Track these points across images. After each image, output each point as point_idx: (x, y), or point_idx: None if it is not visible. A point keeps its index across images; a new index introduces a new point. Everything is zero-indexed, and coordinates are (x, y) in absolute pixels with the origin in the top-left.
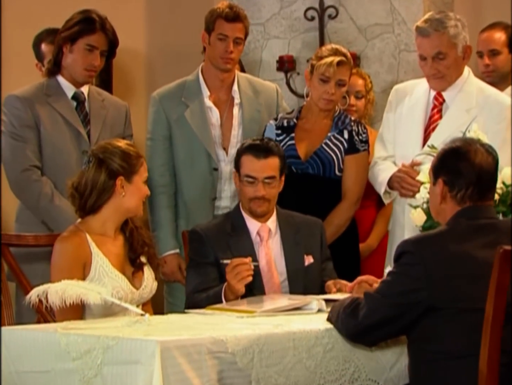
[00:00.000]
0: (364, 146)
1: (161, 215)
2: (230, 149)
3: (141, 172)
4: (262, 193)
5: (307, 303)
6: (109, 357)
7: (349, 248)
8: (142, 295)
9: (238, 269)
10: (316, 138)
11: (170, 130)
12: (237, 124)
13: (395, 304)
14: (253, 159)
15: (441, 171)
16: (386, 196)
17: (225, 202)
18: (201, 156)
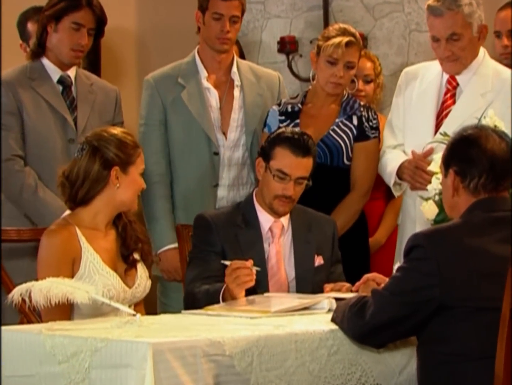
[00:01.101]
0: (374, 133)
1: (158, 206)
2: (230, 133)
3: (138, 163)
4: (291, 193)
5: (317, 302)
6: (98, 360)
7: (358, 244)
8: (135, 294)
9: (238, 273)
10: (322, 125)
11: (166, 114)
12: (238, 107)
13: (404, 302)
14: (290, 154)
15: (452, 161)
16: (396, 188)
17: (222, 191)
18: (200, 140)
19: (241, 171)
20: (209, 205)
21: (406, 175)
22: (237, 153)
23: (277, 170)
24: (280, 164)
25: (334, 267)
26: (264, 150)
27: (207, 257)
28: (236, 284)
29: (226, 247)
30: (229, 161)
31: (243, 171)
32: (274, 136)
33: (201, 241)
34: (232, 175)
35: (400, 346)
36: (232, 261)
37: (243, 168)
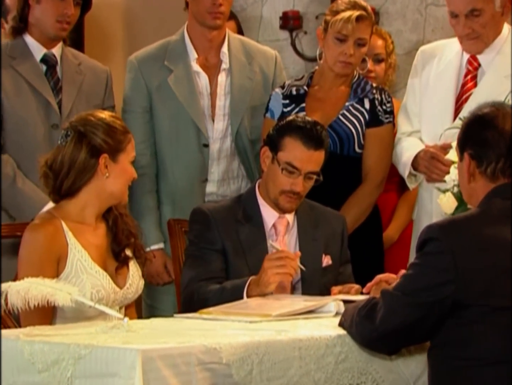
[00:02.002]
0: (388, 117)
1: (142, 202)
2: (217, 123)
3: (128, 151)
4: (300, 189)
5: (323, 305)
6: (81, 369)
7: (371, 241)
8: (126, 296)
9: (286, 262)
10: (331, 109)
11: (151, 100)
12: (223, 94)
13: (418, 302)
14: (301, 146)
15: (466, 144)
16: (411, 179)
17: (211, 186)
18: (188, 130)
19: (230, 164)
20: (198, 201)
21: (421, 166)
22: (226, 144)
23: (286, 163)
24: (289, 156)
25: (343, 267)
26: (272, 138)
27: (207, 256)
28: (276, 272)
29: (227, 244)
30: (218, 154)
31: (233, 164)
32: (284, 123)
33: (199, 237)
34: (221, 168)
35: (415, 353)
36: (282, 248)
37: (233, 160)
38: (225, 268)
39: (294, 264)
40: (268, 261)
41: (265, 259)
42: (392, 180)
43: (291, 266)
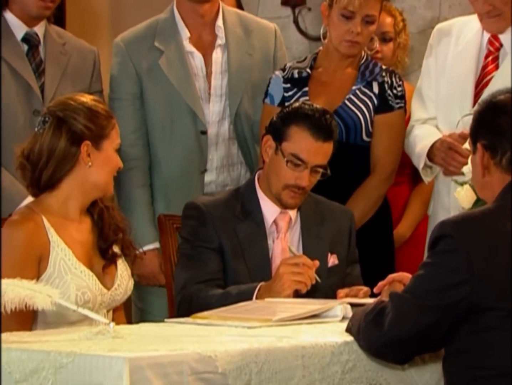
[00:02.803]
0: (399, 102)
1: (134, 197)
2: (214, 104)
3: (113, 137)
4: (306, 184)
5: (329, 308)
6: (63, 378)
7: (380, 238)
8: (115, 297)
9: (304, 270)
10: (336, 93)
11: (141, 86)
12: (220, 72)
13: (431, 306)
14: (309, 137)
15: (479, 134)
16: (426, 171)
17: (210, 175)
18: (183, 116)
19: (229, 149)
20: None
21: (438, 157)
22: (224, 127)
23: (291, 154)
24: (296, 147)
25: (351, 268)
26: (276, 127)
27: (203, 255)
28: (293, 280)
29: (224, 242)
30: (216, 138)
31: (232, 149)
32: (290, 111)
33: (194, 234)
34: (220, 154)
35: (429, 361)
36: (300, 254)
37: (231, 145)
38: (222, 268)
39: (311, 273)
40: (284, 266)
41: (282, 264)
42: (404, 171)
43: (308, 275)
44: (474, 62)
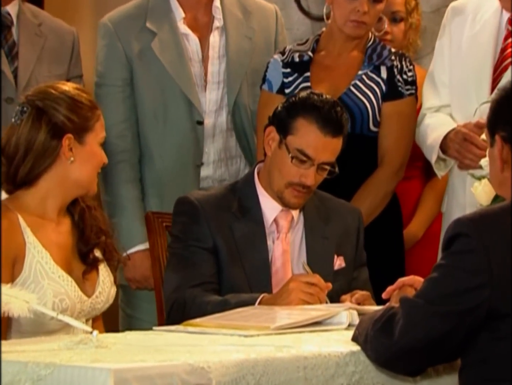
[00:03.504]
0: (410, 89)
1: (122, 193)
2: (211, 92)
3: (97, 130)
4: (311, 182)
5: (333, 315)
6: None
7: (390, 237)
8: (95, 306)
9: (315, 290)
10: (341, 79)
11: (131, 71)
12: (217, 57)
13: (446, 312)
14: (317, 131)
15: (498, 125)
16: (440, 165)
17: (207, 169)
18: (178, 105)
19: (227, 141)
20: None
21: (452, 150)
22: (221, 117)
23: (297, 149)
24: (302, 142)
25: (358, 271)
26: (280, 118)
27: (197, 256)
28: (301, 299)
29: (219, 242)
30: (213, 130)
31: (230, 141)
32: (297, 101)
33: (186, 232)
34: (217, 147)
35: (443, 373)
36: (314, 274)
37: (229, 137)
38: (217, 271)
39: (322, 296)
40: (295, 282)
41: (292, 279)
42: (415, 164)
43: (318, 298)
44: (492, 44)
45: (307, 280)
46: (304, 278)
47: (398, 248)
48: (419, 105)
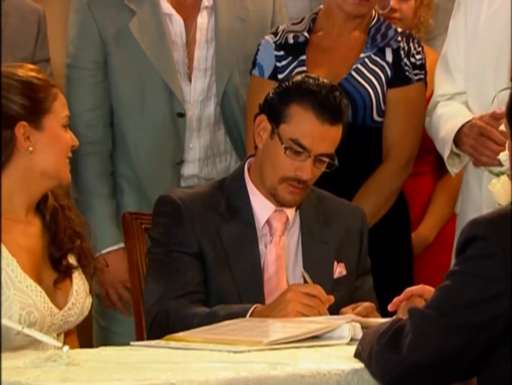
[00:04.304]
0: (419, 73)
1: (91, 190)
2: (196, 81)
3: (56, 110)
4: (308, 176)
5: (334, 328)
6: None
7: (396, 241)
8: (67, 319)
9: (314, 303)
10: (341, 62)
11: (105, 53)
12: (205, 41)
13: (460, 325)
14: (313, 118)
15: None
16: (453, 161)
17: (191, 167)
18: (157, 93)
19: (215, 136)
20: None
21: (467, 145)
22: (208, 109)
23: (291, 140)
24: (296, 131)
25: (361, 280)
26: (272, 105)
27: (180, 263)
28: (299, 312)
29: (205, 246)
30: (199, 123)
31: (219, 135)
32: (290, 85)
33: (168, 235)
34: (204, 142)
35: None
36: (315, 284)
37: (218, 130)
38: (204, 279)
39: (323, 310)
40: (294, 293)
41: (291, 289)
42: (425, 159)
43: (318, 311)
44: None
45: (307, 291)
46: (304, 288)
47: (406, 253)
48: (430, 93)
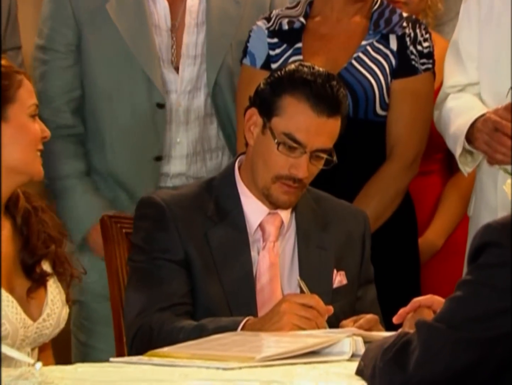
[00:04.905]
0: (426, 63)
1: (65, 168)
2: (184, 69)
3: (22, 98)
4: (304, 175)
5: (333, 343)
6: None
7: (402, 247)
8: (42, 331)
9: (311, 315)
10: (340, 50)
11: (80, 37)
12: (195, 25)
13: (472, 340)
14: (308, 110)
15: None
16: (466, 159)
17: (178, 165)
18: (134, 81)
19: (205, 130)
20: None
21: (480, 141)
22: (198, 100)
23: (284, 134)
24: (290, 125)
25: (363, 290)
26: (263, 96)
27: (165, 271)
28: (295, 325)
29: (192, 253)
30: (186, 115)
31: (210, 130)
32: (282, 75)
33: (151, 242)
34: (192, 137)
35: None
36: (312, 294)
37: (209, 124)
38: (190, 289)
39: (321, 322)
40: (289, 304)
41: (285, 300)
42: (434, 156)
43: (315, 324)
44: None
45: (304, 302)
46: (299, 298)
47: (413, 260)
48: (439, 84)
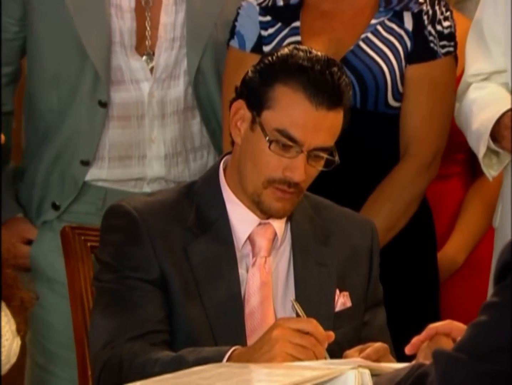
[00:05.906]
0: (447, 45)
1: None
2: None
3: None
4: (301, 178)
5: (336, 375)
6: None
7: (417, 262)
8: None
9: (309, 343)
10: (346, 30)
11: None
12: (173, 4)
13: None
14: (304, 102)
15: None
16: (490, 160)
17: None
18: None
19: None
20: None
21: (506, 140)
22: (176, 90)
23: (277, 130)
24: (284, 119)
25: (371, 314)
26: (251, 86)
27: (137, 293)
28: (289, 354)
29: (169, 271)
30: (162, 108)
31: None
32: (274, 60)
33: (121, 258)
34: (171, 134)
35: None
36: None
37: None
38: (168, 314)
39: (320, 351)
40: (281, 330)
41: (277, 325)
42: (455, 157)
43: (313, 353)
44: None
45: (299, 327)
46: (294, 323)
47: (430, 279)
48: (461, 70)
